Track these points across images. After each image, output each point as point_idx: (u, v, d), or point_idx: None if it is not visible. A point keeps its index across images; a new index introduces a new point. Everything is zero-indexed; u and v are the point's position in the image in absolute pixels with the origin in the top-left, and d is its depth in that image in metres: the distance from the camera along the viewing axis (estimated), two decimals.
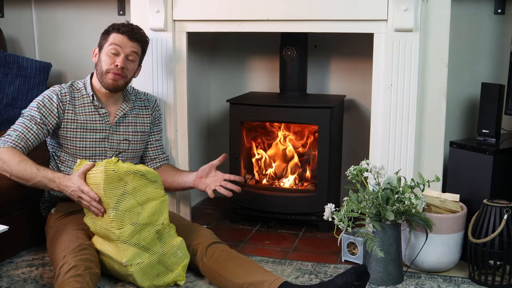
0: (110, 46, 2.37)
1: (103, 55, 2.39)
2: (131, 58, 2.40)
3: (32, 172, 2.19)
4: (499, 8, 2.72)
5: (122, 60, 2.37)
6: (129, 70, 2.41)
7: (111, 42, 2.37)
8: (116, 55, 2.37)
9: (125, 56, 2.38)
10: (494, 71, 2.78)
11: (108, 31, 2.40)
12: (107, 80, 2.38)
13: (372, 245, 2.18)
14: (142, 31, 2.45)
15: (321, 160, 2.77)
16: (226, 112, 3.03)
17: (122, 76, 2.39)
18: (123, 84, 2.43)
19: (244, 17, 2.62)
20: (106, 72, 2.37)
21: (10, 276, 2.29)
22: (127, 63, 2.39)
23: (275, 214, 2.89)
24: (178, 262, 2.22)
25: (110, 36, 2.38)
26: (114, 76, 2.37)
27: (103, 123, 2.43)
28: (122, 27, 2.39)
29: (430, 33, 2.44)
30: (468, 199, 2.41)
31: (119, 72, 2.37)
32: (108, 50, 2.37)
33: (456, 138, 2.76)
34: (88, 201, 2.09)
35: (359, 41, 2.82)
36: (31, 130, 2.29)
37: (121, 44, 2.37)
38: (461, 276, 2.34)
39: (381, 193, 2.22)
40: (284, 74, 2.95)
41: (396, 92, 2.48)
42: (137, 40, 2.41)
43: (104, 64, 2.38)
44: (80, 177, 2.12)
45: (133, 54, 2.41)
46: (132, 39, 2.39)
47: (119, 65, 2.36)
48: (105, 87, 2.40)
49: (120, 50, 2.37)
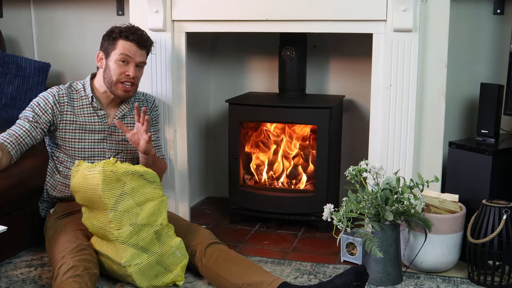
0: (120, 56, 2.35)
1: (111, 63, 2.36)
2: (140, 66, 2.41)
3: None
4: (498, 8, 2.72)
5: (134, 70, 2.37)
6: (138, 78, 2.42)
7: (120, 52, 2.35)
8: (125, 64, 2.36)
9: (135, 65, 2.37)
10: (493, 71, 2.78)
11: (114, 37, 2.36)
12: (118, 91, 2.38)
13: (371, 246, 2.18)
14: (147, 35, 2.44)
15: (320, 161, 2.77)
16: (225, 112, 3.03)
17: (133, 85, 2.40)
18: (134, 92, 2.44)
19: (243, 17, 2.62)
20: (116, 82, 2.37)
21: (9, 276, 2.29)
22: (136, 72, 2.39)
23: (274, 214, 2.89)
24: (177, 262, 2.22)
25: (118, 43, 2.35)
26: (126, 87, 2.37)
27: (101, 124, 2.43)
28: (130, 34, 2.36)
29: (429, 33, 2.44)
30: (467, 199, 2.41)
31: (130, 81, 2.37)
32: (118, 59, 2.35)
33: (455, 138, 2.76)
34: None
35: (358, 41, 2.82)
36: (23, 127, 2.30)
37: (131, 53, 2.36)
38: (460, 276, 2.34)
39: (380, 193, 2.22)
40: (283, 74, 2.95)
41: (395, 92, 2.48)
42: (146, 47, 2.42)
43: (114, 74, 2.36)
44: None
45: (142, 62, 2.42)
46: (142, 47, 2.39)
47: (131, 75, 2.36)
48: (116, 96, 2.40)
49: (130, 60, 2.36)
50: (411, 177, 2.41)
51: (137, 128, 2.35)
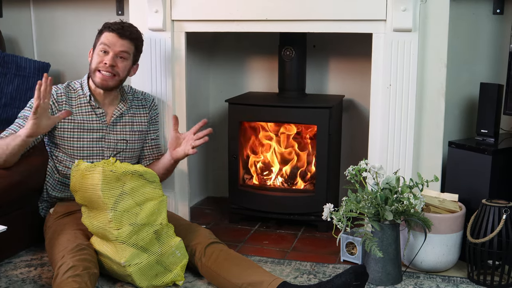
0: (100, 45, 2.38)
1: (94, 54, 2.40)
2: (122, 56, 2.40)
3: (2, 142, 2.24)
4: (498, 8, 2.72)
5: (111, 58, 2.37)
6: (120, 68, 2.40)
7: (101, 41, 2.38)
8: (105, 54, 2.37)
9: (114, 55, 2.37)
10: (493, 71, 2.78)
11: (101, 31, 2.41)
12: (96, 79, 2.39)
13: (371, 245, 2.18)
14: (134, 29, 2.45)
15: (320, 160, 2.77)
16: (225, 112, 3.03)
17: (112, 75, 2.38)
18: (116, 83, 2.42)
19: (243, 17, 2.62)
20: (94, 70, 2.39)
21: (9, 276, 2.29)
22: (117, 61, 2.39)
23: (274, 214, 2.89)
24: (177, 262, 2.22)
25: (102, 36, 2.39)
26: (103, 75, 2.37)
27: (99, 123, 2.43)
28: (113, 25, 2.39)
29: (429, 33, 2.44)
30: (467, 199, 2.41)
31: (108, 70, 2.37)
32: (99, 49, 2.38)
33: (455, 138, 2.76)
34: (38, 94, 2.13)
35: (358, 41, 2.82)
36: (21, 126, 2.30)
37: (110, 42, 2.37)
38: (460, 276, 2.34)
39: (380, 193, 2.22)
40: (283, 74, 2.95)
41: (395, 92, 2.48)
42: (128, 37, 2.40)
43: (94, 63, 2.39)
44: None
45: (123, 52, 2.40)
46: (122, 36, 2.39)
47: (107, 63, 2.36)
48: (96, 86, 2.41)
49: (109, 49, 2.37)
50: (411, 177, 2.41)
51: (188, 136, 2.42)
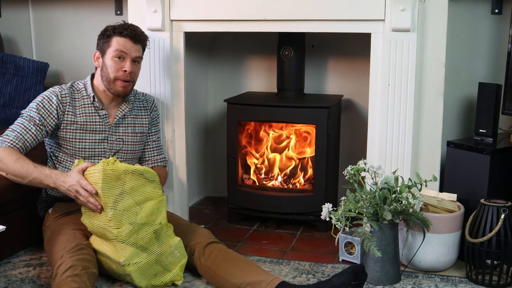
0: (115, 52, 2.35)
1: (108, 61, 2.36)
2: (137, 61, 2.41)
3: (28, 169, 2.19)
4: (496, 8, 2.72)
5: (130, 65, 2.37)
6: (136, 73, 2.42)
7: (115, 48, 2.35)
8: (121, 60, 2.36)
9: (131, 60, 2.38)
10: (491, 71, 2.78)
11: (108, 35, 2.37)
12: (117, 88, 2.38)
13: (369, 245, 2.18)
14: (140, 30, 2.45)
15: (318, 160, 2.77)
16: (224, 112, 3.03)
17: (130, 81, 2.40)
18: (132, 88, 2.44)
19: (242, 17, 2.63)
20: (114, 80, 2.37)
21: (8, 276, 2.28)
22: (133, 67, 2.39)
23: (273, 214, 2.89)
24: (176, 262, 2.22)
25: (112, 40, 2.36)
26: (124, 83, 2.37)
27: (102, 124, 2.42)
28: (123, 29, 2.37)
29: (428, 33, 2.44)
30: (465, 198, 2.41)
31: (128, 78, 2.37)
32: (113, 56, 2.35)
33: (453, 137, 2.76)
34: (86, 196, 2.09)
35: (356, 41, 2.82)
36: (29, 131, 2.29)
37: (126, 48, 2.36)
38: (459, 275, 2.34)
39: (379, 192, 2.22)
40: (281, 74, 2.95)
41: (393, 92, 2.48)
42: (140, 41, 2.42)
43: (111, 71, 2.36)
44: (78, 172, 2.13)
45: (138, 57, 2.41)
46: (136, 41, 2.39)
47: (127, 71, 2.36)
48: (114, 94, 2.40)
49: (126, 55, 2.36)
50: (409, 177, 2.41)
51: None
